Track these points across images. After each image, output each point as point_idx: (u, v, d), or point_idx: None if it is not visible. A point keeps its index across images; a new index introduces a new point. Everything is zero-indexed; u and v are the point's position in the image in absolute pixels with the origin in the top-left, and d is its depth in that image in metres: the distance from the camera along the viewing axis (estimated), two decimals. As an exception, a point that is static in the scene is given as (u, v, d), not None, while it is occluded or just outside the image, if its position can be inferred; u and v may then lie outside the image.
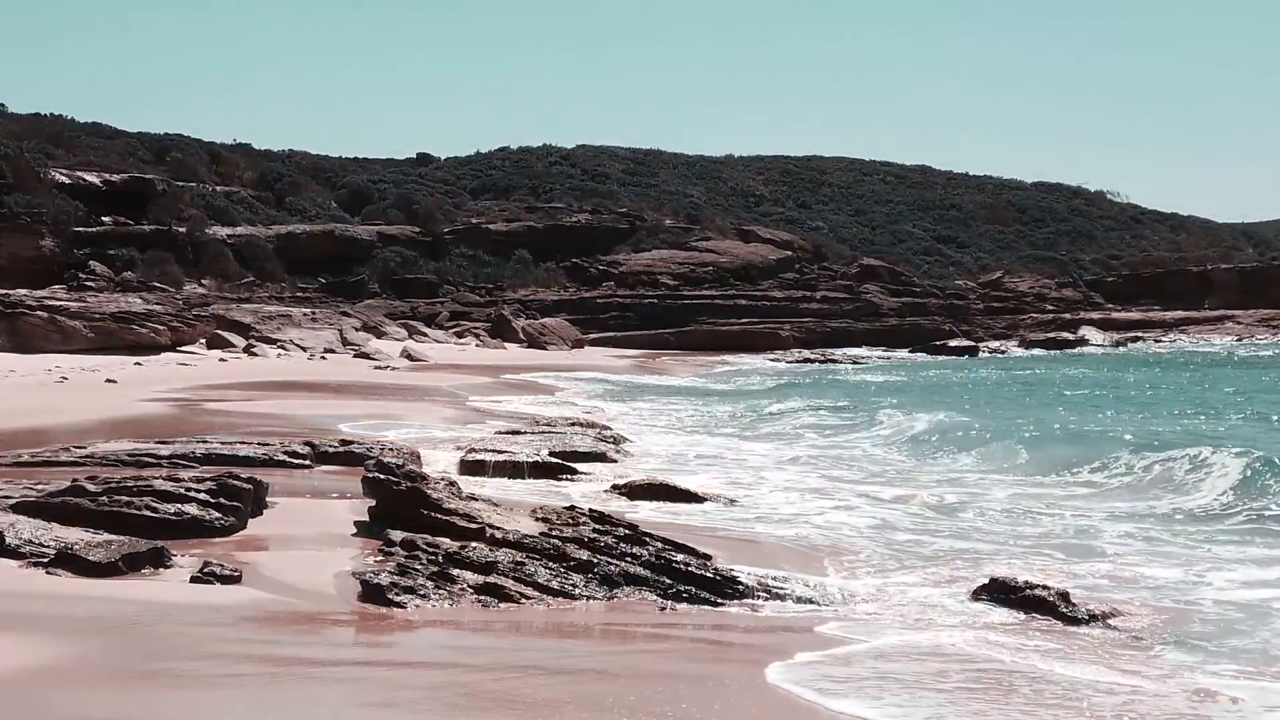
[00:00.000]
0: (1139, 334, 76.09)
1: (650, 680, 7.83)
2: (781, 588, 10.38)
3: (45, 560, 10.19)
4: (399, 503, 12.08)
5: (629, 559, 10.62)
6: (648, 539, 11.11)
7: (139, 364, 37.72)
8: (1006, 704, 7.55)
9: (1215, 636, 9.32)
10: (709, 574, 10.47)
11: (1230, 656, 8.81)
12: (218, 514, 11.99)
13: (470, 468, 17.03)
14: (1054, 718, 7.36)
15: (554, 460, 17.68)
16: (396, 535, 11.27)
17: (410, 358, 47.33)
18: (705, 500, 15.35)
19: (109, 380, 30.86)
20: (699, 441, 23.36)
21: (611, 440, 20.67)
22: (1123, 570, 11.85)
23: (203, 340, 46.49)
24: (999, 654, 8.74)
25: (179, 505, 11.92)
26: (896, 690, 7.79)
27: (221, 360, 42.19)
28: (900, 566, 11.86)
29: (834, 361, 59.00)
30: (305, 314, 54.86)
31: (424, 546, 10.68)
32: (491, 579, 10.05)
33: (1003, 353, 67.66)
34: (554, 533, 11.17)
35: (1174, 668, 8.50)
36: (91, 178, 66.78)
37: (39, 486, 12.69)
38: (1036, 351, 67.54)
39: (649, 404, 32.07)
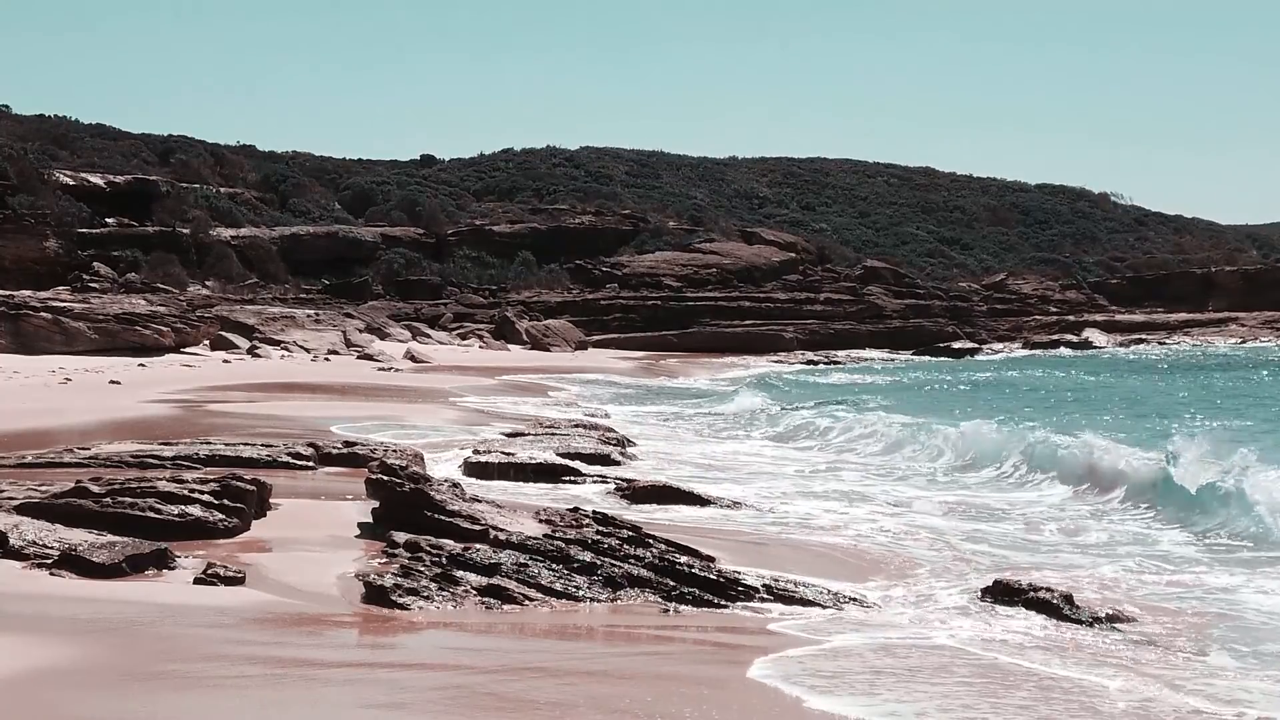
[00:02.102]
0: (1143, 336, 76.12)
1: (654, 682, 7.82)
2: (786, 589, 10.36)
3: (49, 561, 10.19)
4: (403, 504, 12.07)
5: (632, 561, 10.61)
6: (651, 541, 11.11)
7: (143, 365, 37.74)
8: (1001, 702, 7.55)
9: (1228, 640, 9.31)
10: (712, 576, 10.46)
11: (1238, 659, 8.80)
12: (221, 515, 11.98)
13: (474, 469, 17.02)
14: (1050, 714, 7.37)
15: (558, 462, 17.65)
16: (400, 537, 11.28)
17: (414, 359, 47.36)
18: (710, 503, 15.34)
19: (113, 382, 30.88)
20: (704, 443, 23.40)
21: (615, 442, 20.64)
22: (1125, 573, 11.84)
23: (206, 341, 46.50)
24: (996, 653, 8.76)
25: (182, 507, 11.92)
26: (891, 687, 7.83)
27: (225, 361, 42.22)
28: (903, 568, 11.87)
29: (836, 363, 59.06)
30: (309, 315, 54.86)
31: (427, 548, 10.68)
32: (495, 581, 10.04)
33: (1000, 353, 67.69)
34: (557, 535, 11.16)
35: (1179, 671, 8.49)
36: (95, 179, 66.89)
37: (43, 488, 12.68)
38: (1036, 353, 67.65)
39: (652, 406, 32.09)
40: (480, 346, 57.23)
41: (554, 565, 10.44)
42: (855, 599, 10.35)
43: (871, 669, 8.25)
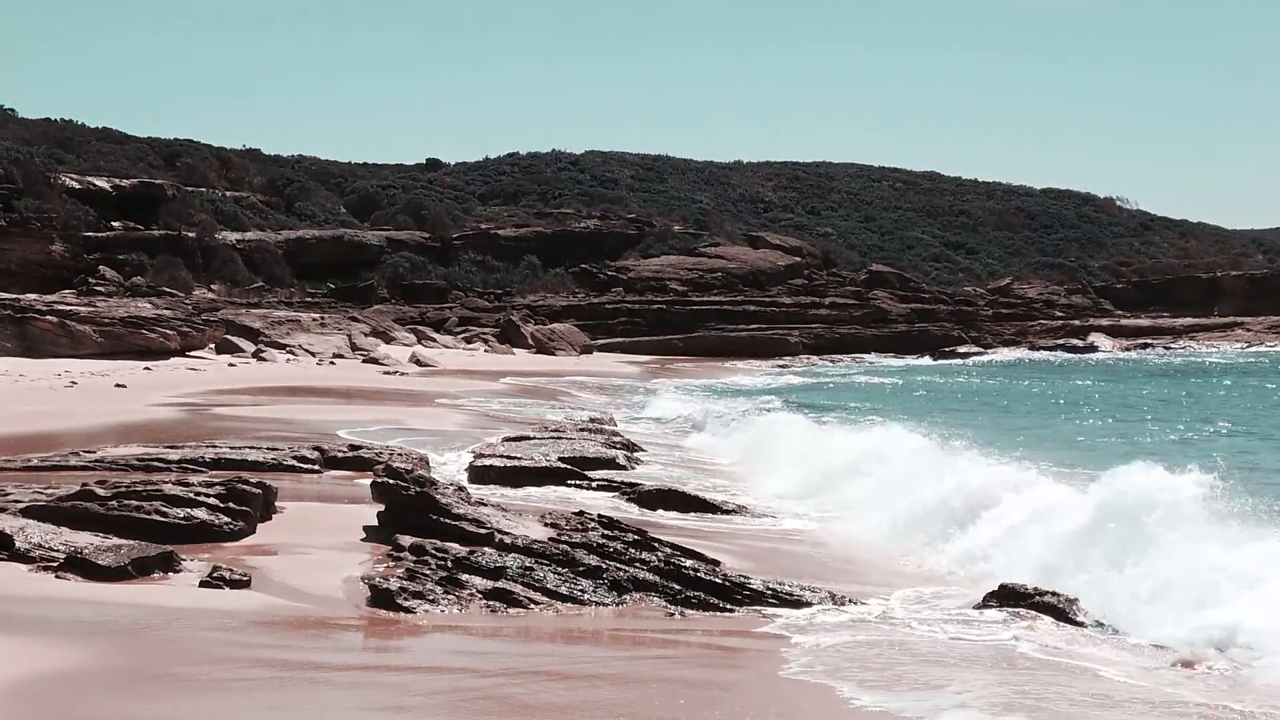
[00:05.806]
0: (1148, 340, 75.92)
1: (659, 685, 7.83)
2: (791, 592, 10.37)
3: (55, 564, 10.20)
4: (408, 508, 12.08)
5: (638, 564, 10.62)
6: (656, 544, 11.11)
7: (148, 369, 37.77)
8: (1010, 699, 7.62)
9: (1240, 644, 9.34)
10: (718, 579, 10.46)
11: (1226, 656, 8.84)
12: (227, 518, 11.99)
13: (479, 473, 16.98)
14: (1061, 708, 7.46)
15: (563, 466, 17.61)
16: (405, 540, 11.28)
17: (419, 363, 47.35)
18: (716, 507, 15.32)
19: (118, 385, 30.92)
20: (710, 447, 23.38)
21: (621, 446, 20.61)
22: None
23: (212, 345, 46.54)
24: (1004, 649, 8.86)
25: (188, 510, 11.93)
26: (903, 684, 7.90)
27: (230, 365, 42.23)
28: (909, 569, 11.87)
29: (840, 367, 59.14)
30: (314, 319, 54.87)
31: (433, 551, 10.68)
32: (500, 584, 10.04)
33: (1000, 356, 67.82)
34: (563, 538, 11.17)
35: (1177, 670, 8.54)
36: (101, 183, 66.86)
37: (49, 491, 12.71)
38: (1033, 354, 67.94)
39: (657, 410, 32.04)
40: (485, 350, 57.22)
41: (559, 569, 10.44)
42: (859, 599, 10.36)
43: (883, 664, 8.34)
